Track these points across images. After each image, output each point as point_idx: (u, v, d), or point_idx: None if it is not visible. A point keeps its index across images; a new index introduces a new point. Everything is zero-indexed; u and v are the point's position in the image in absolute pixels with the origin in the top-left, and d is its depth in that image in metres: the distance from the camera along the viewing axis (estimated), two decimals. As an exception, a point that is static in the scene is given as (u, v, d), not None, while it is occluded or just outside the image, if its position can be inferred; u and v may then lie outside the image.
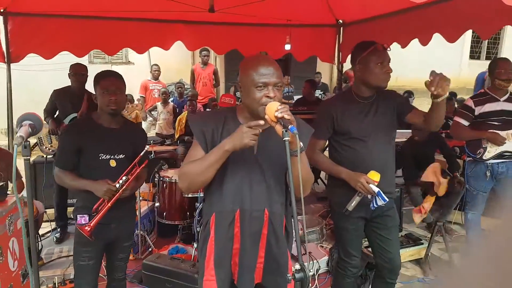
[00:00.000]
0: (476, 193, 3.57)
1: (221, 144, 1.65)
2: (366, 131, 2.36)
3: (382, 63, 2.26)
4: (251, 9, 4.07)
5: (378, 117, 2.38)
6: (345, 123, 2.37)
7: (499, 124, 3.38)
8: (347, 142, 2.39)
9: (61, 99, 4.16)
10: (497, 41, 14.23)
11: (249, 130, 1.57)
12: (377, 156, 2.36)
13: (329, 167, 2.45)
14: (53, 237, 4.26)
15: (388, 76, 2.29)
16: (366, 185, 2.21)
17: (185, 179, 1.75)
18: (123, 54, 10.22)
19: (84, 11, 4.06)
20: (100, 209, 2.23)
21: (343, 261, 2.60)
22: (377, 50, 2.26)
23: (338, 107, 2.42)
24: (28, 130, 1.73)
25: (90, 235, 2.20)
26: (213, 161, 1.65)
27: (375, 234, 2.51)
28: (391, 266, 2.52)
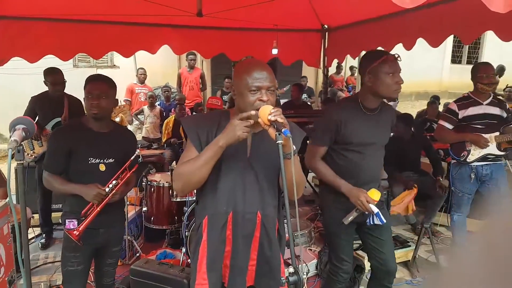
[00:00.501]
0: (462, 195, 3.64)
1: (215, 140, 1.65)
2: (366, 143, 2.35)
3: (394, 73, 2.21)
4: (239, 14, 4.09)
5: (379, 130, 2.39)
6: (348, 133, 2.33)
7: (482, 127, 3.45)
8: (345, 152, 2.37)
9: (40, 105, 4.06)
10: (477, 45, 14.55)
11: (240, 122, 1.59)
12: (371, 167, 2.39)
13: (330, 178, 2.38)
14: (38, 243, 4.19)
15: (399, 87, 2.24)
16: (366, 204, 2.20)
17: (180, 179, 1.75)
18: (108, 57, 10.13)
19: (70, 14, 4.02)
20: (89, 213, 2.21)
21: (334, 266, 2.58)
22: (388, 60, 2.21)
23: (343, 116, 2.34)
24: (22, 134, 1.72)
25: (78, 240, 2.17)
26: (207, 158, 1.66)
27: (368, 235, 2.51)
28: (385, 268, 2.49)
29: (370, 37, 4.55)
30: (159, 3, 3.62)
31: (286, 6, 4.30)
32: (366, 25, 4.56)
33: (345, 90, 11.42)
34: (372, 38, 4.52)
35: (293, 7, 4.38)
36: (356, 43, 4.93)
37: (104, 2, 3.69)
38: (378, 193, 2.21)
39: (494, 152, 3.45)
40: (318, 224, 4.76)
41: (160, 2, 3.62)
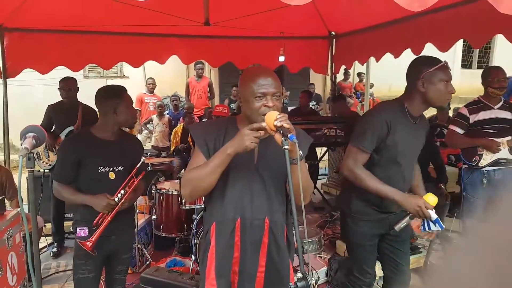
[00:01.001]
0: (473, 200, 3.59)
1: (223, 148, 1.66)
2: (406, 154, 2.25)
3: (448, 81, 2.12)
4: (246, 22, 4.12)
5: (418, 140, 2.30)
6: (396, 139, 2.18)
7: (494, 132, 3.42)
8: (383, 160, 2.23)
9: (56, 113, 4.17)
10: (488, 50, 14.44)
11: (250, 133, 1.59)
12: (407, 179, 2.30)
13: (376, 185, 2.18)
14: (50, 252, 4.22)
15: (450, 96, 2.14)
16: (425, 210, 2.11)
17: (188, 185, 1.76)
18: (118, 68, 10.25)
19: (80, 26, 4.09)
20: (101, 223, 2.24)
21: (356, 278, 2.50)
22: (445, 67, 2.12)
23: (392, 118, 2.18)
24: (33, 142, 1.74)
25: (92, 250, 2.20)
26: (216, 165, 1.66)
27: (388, 246, 2.44)
28: (401, 278, 2.44)
29: (378, 43, 4.55)
30: (167, 13, 3.67)
31: (293, 14, 4.31)
32: (374, 31, 4.56)
33: (354, 96, 11.40)
34: (380, 43, 4.52)
35: (300, 14, 4.39)
36: (364, 49, 4.93)
37: (113, 13, 3.75)
38: (435, 198, 2.12)
39: (507, 156, 3.41)
40: (327, 231, 4.73)
41: (168, 12, 3.67)
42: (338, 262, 3.57)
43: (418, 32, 3.90)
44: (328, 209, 5.53)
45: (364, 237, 2.38)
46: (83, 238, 2.27)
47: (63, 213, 4.31)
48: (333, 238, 4.44)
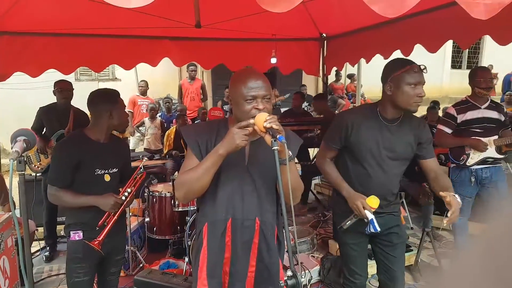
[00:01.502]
0: (462, 198, 3.62)
1: (215, 149, 1.68)
2: (379, 155, 2.25)
3: (416, 85, 2.11)
4: (237, 24, 4.15)
5: (398, 143, 2.26)
6: (360, 139, 2.25)
7: (481, 131, 3.47)
8: (359, 159, 2.29)
9: (48, 116, 4.16)
10: (477, 50, 14.60)
11: (239, 131, 1.62)
12: (384, 181, 2.29)
13: (335, 180, 2.35)
14: (42, 256, 4.21)
15: (419, 99, 2.13)
16: (361, 209, 2.15)
17: (182, 187, 1.78)
18: (109, 70, 10.23)
19: (70, 28, 4.08)
20: (107, 222, 2.27)
21: (347, 280, 2.51)
22: (412, 70, 2.11)
23: (356, 119, 2.27)
24: (23, 145, 1.76)
25: (100, 248, 2.22)
26: (208, 166, 1.68)
27: (380, 251, 2.45)
28: (394, 285, 2.44)
29: (368, 45, 4.60)
30: (158, 15, 3.68)
31: (284, 16, 4.31)
32: (364, 33, 4.61)
33: (345, 97, 11.47)
34: (370, 45, 4.56)
35: (291, 16, 4.40)
36: (354, 51, 4.97)
37: (104, 16, 3.75)
38: (376, 200, 2.15)
39: (493, 155, 3.47)
40: (320, 231, 4.77)
41: (159, 15, 3.68)
42: (330, 261, 3.61)
43: (407, 34, 3.95)
44: (321, 209, 5.57)
45: (347, 235, 2.40)
46: (77, 241, 2.28)
47: (55, 217, 4.30)
48: (325, 238, 4.48)
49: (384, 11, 1.45)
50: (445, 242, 4.45)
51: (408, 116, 2.29)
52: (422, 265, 3.85)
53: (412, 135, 2.28)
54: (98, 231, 2.26)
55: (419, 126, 2.34)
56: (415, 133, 2.29)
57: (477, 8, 1.46)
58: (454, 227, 3.81)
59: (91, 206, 2.27)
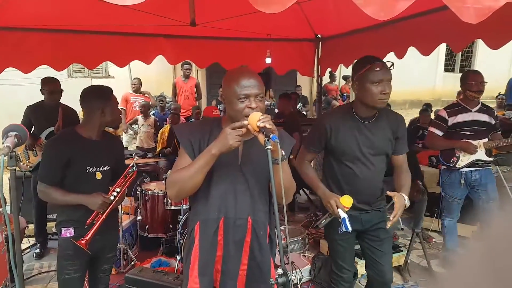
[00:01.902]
0: (452, 200, 3.69)
1: (208, 148, 1.69)
2: (360, 151, 2.31)
3: (379, 82, 2.15)
4: (232, 24, 4.15)
5: (375, 139, 2.32)
6: (340, 141, 2.31)
7: (471, 134, 3.52)
8: (342, 159, 2.35)
9: (36, 114, 4.11)
10: (470, 54, 14.73)
11: (232, 131, 1.62)
12: (369, 177, 2.34)
13: (311, 180, 2.42)
14: (32, 253, 4.19)
15: (384, 96, 2.16)
16: (334, 208, 2.18)
17: (174, 186, 1.78)
18: (103, 68, 10.17)
19: (64, 25, 4.06)
20: (96, 221, 2.25)
21: (335, 275, 2.57)
22: (374, 68, 2.15)
23: (334, 122, 2.34)
24: (15, 141, 1.75)
25: (87, 248, 2.21)
26: (201, 166, 1.69)
27: (367, 245, 2.51)
28: (382, 279, 2.49)
29: (362, 46, 4.61)
30: (153, 12, 3.67)
31: (280, 16, 4.32)
32: (359, 35, 4.63)
33: (340, 99, 11.52)
34: (364, 47, 4.58)
35: (286, 17, 4.42)
36: (349, 52, 4.99)
37: (98, 12, 3.73)
38: (350, 200, 2.17)
39: (483, 158, 3.52)
40: (312, 230, 4.79)
41: (153, 12, 3.67)
42: (321, 261, 3.63)
43: (401, 36, 3.98)
44: (313, 209, 5.60)
45: (335, 231, 2.40)
46: (68, 238, 2.27)
47: (45, 214, 4.28)
48: (317, 238, 4.50)
49: (376, 13, 1.47)
50: (434, 243, 4.49)
51: (384, 112, 2.36)
52: (411, 265, 3.89)
53: (389, 130, 2.35)
54: (88, 229, 2.26)
55: (396, 121, 2.40)
56: (392, 128, 2.36)
57: (467, 12, 1.48)
58: (443, 229, 3.85)
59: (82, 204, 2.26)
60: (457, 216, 3.76)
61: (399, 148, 2.42)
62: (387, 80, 2.17)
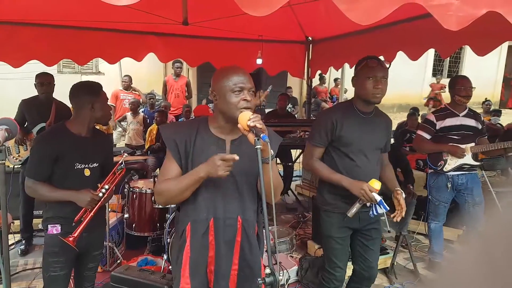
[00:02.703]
0: (438, 203, 3.74)
1: (197, 170, 1.71)
2: (364, 144, 2.42)
3: (373, 78, 2.30)
4: (224, 24, 4.16)
5: (375, 133, 2.47)
6: (345, 132, 2.41)
7: (459, 138, 3.57)
8: (346, 151, 2.43)
9: (29, 109, 4.09)
10: (458, 60, 14.95)
11: (222, 163, 1.63)
12: (369, 169, 2.43)
13: (329, 174, 2.44)
14: (17, 249, 4.14)
15: (377, 91, 2.31)
16: (369, 193, 2.25)
17: (162, 196, 1.83)
18: (93, 64, 10.11)
19: (55, 20, 4.03)
20: (84, 218, 2.24)
21: (327, 273, 2.60)
22: (367, 65, 2.33)
23: (339, 116, 2.44)
24: (5, 135, 1.74)
25: (75, 245, 2.19)
26: (188, 185, 1.73)
27: (359, 243, 2.58)
28: (368, 274, 2.61)
29: (352, 50, 4.66)
30: (145, 11, 3.66)
31: (271, 18, 4.34)
32: (349, 38, 4.68)
33: (329, 101, 11.60)
34: (354, 50, 4.63)
35: (278, 18, 4.45)
36: (339, 55, 5.04)
37: (89, 8, 3.71)
38: (378, 183, 2.27)
39: (470, 162, 3.57)
40: (299, 231, 4.82)
41: (146, 10, 3.65)
42: (308, 262, 3.65)
43: (391, 41, 4.03)
44: (301, 210, 5.62)
45: (334, 229, 2.51)
46: (55, 235, 2.26)
47: (32, 210, 4.23)
48: (304, 239, 4.52)
49: (359, 18, 1.50)
50: (420, 246, 4.54)
51: (379, 112, 2.54)
52: (397, 268, 3.93)
53: (385, 128, 2.55)
54: (75, 226, 2.24)
55: (388, 121, 2.61)
56: (386, 127, 2.57)
57: (449, 19, 1.52)
58: (429, 232, 3.90)
59: (70, 200, 2.25)
60: (443, 220, 3.81)
61: (387, 146, 2.62)
62: (381, 76, 2.31)
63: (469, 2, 1.54)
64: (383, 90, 2.32)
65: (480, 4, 1.54)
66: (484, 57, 3.37)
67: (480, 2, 1.55)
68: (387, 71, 2.36)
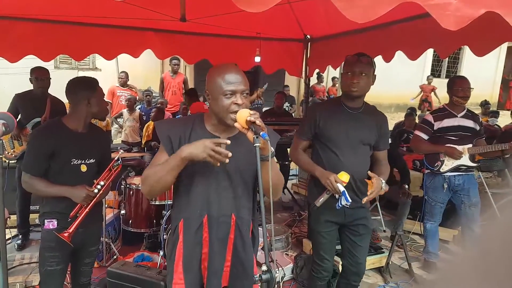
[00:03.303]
0: (434, 204, 3.75)
1: (179, 150, 1.65)
2: (348, 140, 2.47)
3: (351, 72, 2.40)
4: (222, 21, 4.13)
5: (362, 128, 2.50)
6: (328, 128, 2.49)
7: (456, 139, 3.57)
8: (329, 145, 2.49)
9: (24, 103, 4.07)
10: (456, 60, 14.98)
11: (210, 146, 1.58)
12: (355, 163, 2.47)
13: (307, 165, 2.58)
14: (14, 244, 4.13)
15: (353, 85, 2.40)
16: (334, 183, 2.30)
17: (146, 184, 1.76)
18: (90, 60, 10.06)
19: (52, 15, 4.00)
20: (79, 214, 2.23)
21: (316, 264, 2.72)
22: (347, 61, 2.46)
23: (323, 111, 2.57)
24: (2, 129, 1.72)
25: (70, 241, 2.18)
26: (170, 168, 1.66)
27: (347, 238, 2.65)
28: (356, 270, 2.67)
29: (350, 48, 4.60)
30: (143, 6, 3.64)
31: (269, 15, 4.34)
32: (347, 37, 4.66)
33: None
34: (352, 49, 4.54)
35: (276, 16, 4.44)
36: (337, 54, 5.02)
37: (87, 4, 3.69)
38: (347, 175, 2.31)
39: (467, 163, 3.58)
40: (295, 230, 4.82)
41: (143, 6, 3.64)
42: (304, 260, 3.65)
43: (389, 40, 4.02)
44: (297, 209, 5.63)
45: (320, 224, 2.60)
46: (51, 230, 2.25)
47: (28, 205, 4.23)
48: (300, 237, 4.53)
49: (356, 17, 1.50)
50: (416, 246, 4.56)
51: (371, 108, 2.59)
52: (392, 267, 3.94)
53: (374, 124, 2.56)
54: (71, 221, 2.24)
55: (381, 118, 2.62)
56: (377, 123, 2.57)
57: (447, 19, 1.51)
58: (425, 232, 3.91)
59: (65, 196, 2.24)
60: (439, 220, 3.82)
61: (381, 145, 2.62)
62: (359, 71, 2.39)
63: (467, 2, 1.53)
64: (360, 85, 2.39)
65: (479, 4, 1.54)
66: (483, 58, 3.37)
67: (479, 2, 1.54)
68: (369, 67, 2.41)
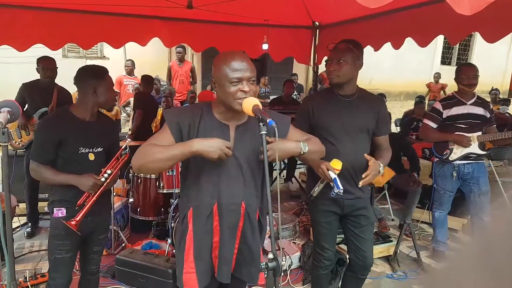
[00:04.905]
0: (443, 192, 3.72)
1: (191, 143, 1.65)
2: (343, 128, 2.44)
3: (330, 60, 2.44)
4: (230, 8, 4.10)
5: (356, 117, 2.45)
6: (323, 117, 2.47)
7: (465, 127, 3.53)
8: (325, 136, 2.43)
9: (31, 93, 4.08)
10: (467, 47, 14.75)
11: (225, 150, 1.62)
12: (350, 154, 2.41)
13: None
14: (24, 232, 4.19)
15: (330, 72, 2.42)
16: (326, 171, 2.24)
17: (141, 159, 1.71)
18: (98, 48, 10.07)
19: (60, 3, 3.99)
20: (87, 203, 2.24)
21: (317, 253, 2.71)
22: (328, 48, 2.50)
23: (315, 102, 2.55)
24: (7, 117, 1.72)
25: (77, 229, 2.20)
26: (174, 156, 1.65)
27: (350, 231, 2.61)
28: (363, 263, 2.61)
29: (360, 35, 4.54)
30: (150, -6, 3.62)
31: (277, 2, 4.31)
32: (356, 23, 4.60)
33: (335, 88, 11.50)
34: (362, 36, 4.52)
35: (284, 3, 4.40)
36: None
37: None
38: (339, 163, 2.28)
39: (476, 151, 3.53)
40: (303, 218, 4.83)
41: (151, -6, 3.62)
42: (311, 248, 3.65)
43: (399, 27, 3.96)
44: (304, 197, 5.63)
45: (320, 214, 2.58)
46: (60, 219, 2.27)
47: (37, 194, 4.27)
48: (307, 225, 4.53)
49: (367, 1, 1.47)
50: (424, 235, 4.54)
51: (366, 93, 2.57)
52: (400, 256, 3.93)
53: (370, 110, 2.51)
54: (79, 209, 2.25)
55: (377, 101, 2.58)
56: (373, 108, 2.52)
57: (462, 4, 1.47)
58: (434, 221, 3.89)
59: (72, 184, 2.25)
60: (448, 209, 3.80)
61: (380, 129, 2.56)
62: (337, 59, 2.39)
63: (483, -15, 1.49)
64: (338, 72, 2.38)
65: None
66: (494, 46, 3.31)
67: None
68: (348, 53, 2.37)
